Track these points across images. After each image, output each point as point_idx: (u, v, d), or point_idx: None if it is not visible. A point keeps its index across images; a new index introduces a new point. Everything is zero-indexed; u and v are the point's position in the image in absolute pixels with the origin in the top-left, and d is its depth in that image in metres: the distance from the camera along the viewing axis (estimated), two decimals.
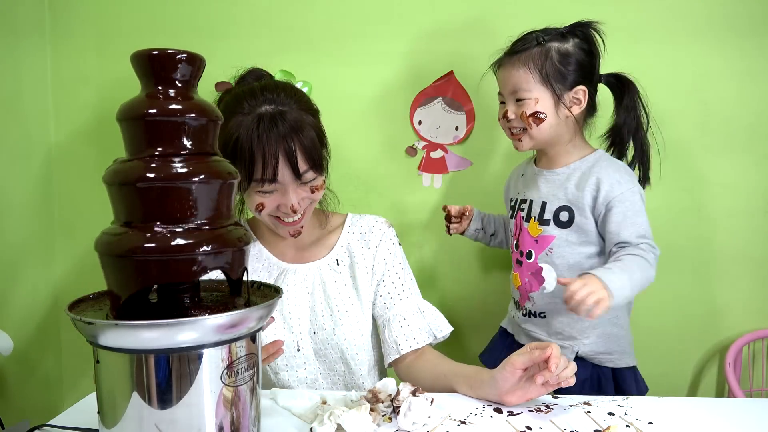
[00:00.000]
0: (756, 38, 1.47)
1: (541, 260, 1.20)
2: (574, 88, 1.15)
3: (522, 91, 1.15)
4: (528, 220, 1.23)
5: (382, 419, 0.89)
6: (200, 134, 0.70)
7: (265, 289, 0.82)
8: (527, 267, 1.23)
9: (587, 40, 1.16)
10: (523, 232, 1.24)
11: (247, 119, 1.06)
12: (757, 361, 1.56)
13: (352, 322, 1.17)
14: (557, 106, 1.15)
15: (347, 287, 1.20)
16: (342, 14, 1.54)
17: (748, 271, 1.53)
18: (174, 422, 0.65)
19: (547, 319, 1.22)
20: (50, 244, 1.62)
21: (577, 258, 1.17)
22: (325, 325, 1.16)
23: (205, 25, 1.56)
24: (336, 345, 1.15)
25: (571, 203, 1.17)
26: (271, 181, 1.07)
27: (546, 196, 1.20)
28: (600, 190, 1.13)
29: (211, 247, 0.67)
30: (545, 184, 1.22)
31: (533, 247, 1.22)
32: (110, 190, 0.68)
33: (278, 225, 1.14)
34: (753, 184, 1.51)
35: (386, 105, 1.56)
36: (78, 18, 1.58)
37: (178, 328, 0.63)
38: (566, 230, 1.17)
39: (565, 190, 1.18)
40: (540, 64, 1.14)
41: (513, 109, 1.18)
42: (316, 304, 1.17)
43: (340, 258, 1.22)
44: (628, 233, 1.10)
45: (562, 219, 1.17)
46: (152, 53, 0.69)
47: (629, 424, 0.88)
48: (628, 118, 1.20)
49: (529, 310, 1.25)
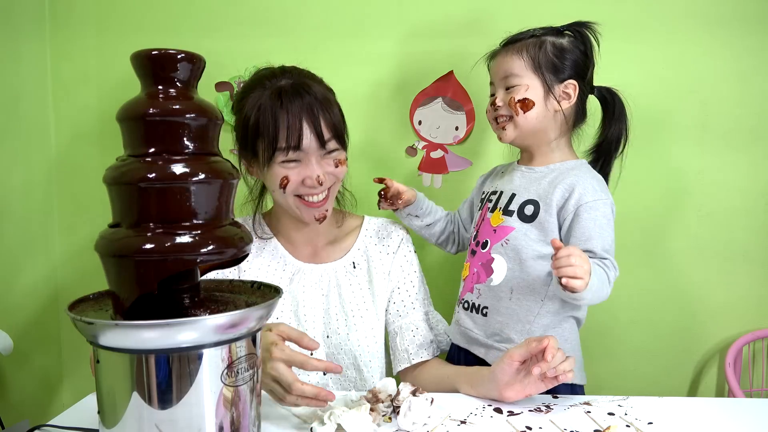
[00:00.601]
0: (756, 38, 1.47)
1: (494, 251, 1.14)
2: (565, 82, 1.13)
3: (513, 77, 1.14)
4: (493, 211, 1.17)
5: (382, 419, 0.89)
6: (200, 134, 0.70)
7: (265, 289, 0.82)
8: (479, 257, 1.16)
9: (583, 40, 1.16)
10: (484, 222, 1.18)
11: (269, 92, 1.07)
12: (757, 361, 1.56)
13: (367, 328, 1.15)
14: (546, 96, 1.13)
15: (363, 292, 1.18)
16: (342, 14, 1.54)
17: (748, 270, 1.52)
18: (174, 422, 0.65)
19: (487, 317, 1.14)
20: (50, 244, 1.62)
21: (531, 255, 1.10)
22: (339, 329, 1.14)
23: (205, 25, 1.56)
24: (349, 351, 1.13)
25: (540, 198, 1.12)
26: (295, 148, 1.05)
27: (517, 189, 1.16)
28: (573, 193, 1.08)
29: (212, 247, 0.67)
30: (520, 178, 1.18)
31: (490, 237, 1.15)
32: (110, 190, 0.68)
33: (303, 208, 1.11)
34: (753, 184, 1.50)
35: (386, 105, 1.56)
36: (78, 18, 1.57)
37: (178, 328, 0.63)
38: (528, 224, 1.11)
39: (537, 186, 1.14)
40: (534, 53, 1.13)
41: (502, 96, 1.16)
42: (330, 307, 1.15)
43: (357, 261, 1.20)
44: (594, 243, 1.05)
45: (527, 212, 1.12)
46: (152, 53, 0.69)
47: (629, 424, 0.88)
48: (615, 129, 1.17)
49: (471, 303, 1.16)
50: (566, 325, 1.13)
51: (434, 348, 1.19)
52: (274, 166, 1.08)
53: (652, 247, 1.54)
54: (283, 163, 1.07)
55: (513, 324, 1.11)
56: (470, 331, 1.16)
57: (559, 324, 1.11)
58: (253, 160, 1.12)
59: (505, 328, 1.11)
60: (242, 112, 1.11)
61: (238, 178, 0.73)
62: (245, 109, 1.10)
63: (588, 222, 1.06)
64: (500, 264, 1.12)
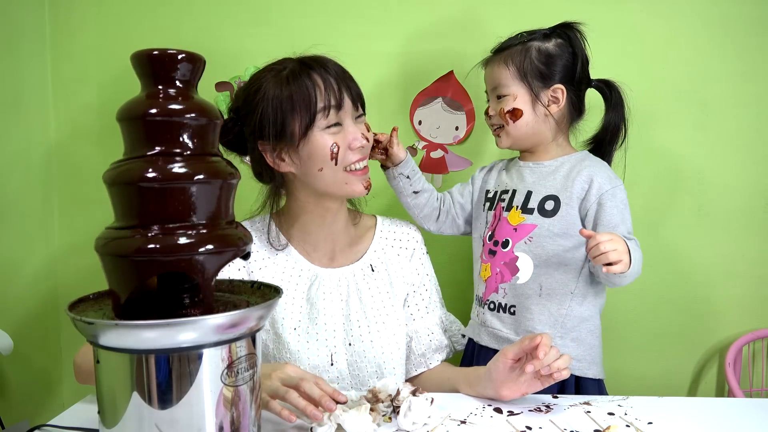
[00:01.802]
0: (755, 39, 1.47)
1: (518, 249, 1.16)
2: (552, 87, 1.15)
3: (501, 87, 1.17)
4: (509, 209, 1.18)
5: (382, 419, 0.89)
6: (200, 134, 0.69)
7: (265, 289, 0.82)
8: (501, 256, 1.17)
9: (569, 41, 1.16)
10: (501, 222, 1.19)
11: (288, 71, 1.05)
12: (757, 361, 1.56)
13: (389, 335, 1.11)
14: (534, 103, 1.15)
15: (383, 296, 1.13)
16: (342, 14, 1.54)
17: (748, 271, 1.52)
18: (174, 422, 0.65)
19: (516, 315, 1.16)
20: (50, 244, 1.62)
21: (557, 250, 1.13)
22: (362, 336, 1.09)
23: (205, 25, 1.56)
24: (372, 359, 1.08)
25: (559, 192, 1.14)
26: (337, 107, 1.02)
27: (532, 185, 1.18)
28: (593, 184, 1.12)
29: (212, 247, 0.67)
30: (531, 174, 1.19)
31: (511, 236, 1.17)
32: (110, 190, 0.68)
33: (351, 180, 1.06)
34: (753, 184, 1.51)
35: (386, 105, 1.56)
36: (78, 18, 1.58)
37: (178, 328, 0.63)
38: (550, 219, 1.14)
39: (554, 180, 1.16)
40: (519, 62, 1.15)
41: (493, 106, 1.19)
42: (351, 313, 1.10)
43: (375, 264, 1.16)
44: (621, 228, 1.10)
45: (548, 208, 1.14)
46: (152, 53, 0.69)
47: (629, 424, 0.88)
48: (613, 119, 1.20)
49: (498, 303, 1.18)
50: (595, 315, 1.18)
51: (448, 351, 1.19)
52: (315, 136, 1.02)
53: (652, 247, 1.53)
54: (325, 129, 1.03)
55: (545, 319, 1.14)
56: (499, 332, 1.18)
57: (590, 316, 1.16)
58: (283, 145, 1.04)
59: (537, 324, 1.14)
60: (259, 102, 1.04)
61: (239, 179, 0.73)
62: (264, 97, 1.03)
63: (612, 209, 1.11)
64: (525, 262, 1.14)
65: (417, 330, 1.16)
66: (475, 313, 1.25)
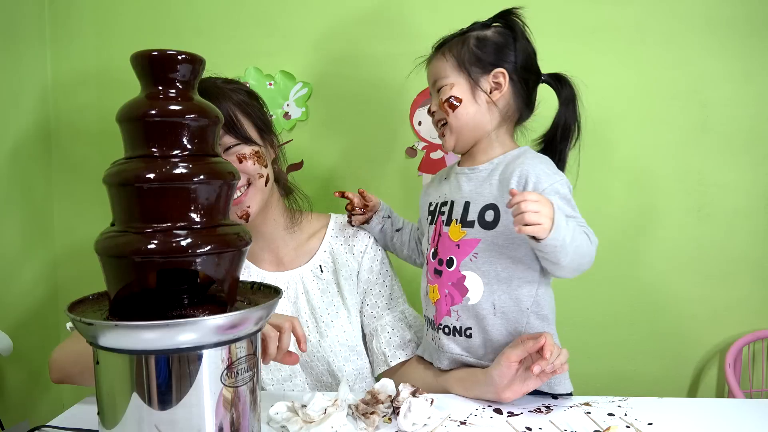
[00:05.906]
0: (755, 39, 1.47)
1: (464, 267, 1.04)
2: (493, 72, 1.07)
3: (440, 79, 1.10)
4: (449, 224, 1.07)
5: (381, 420, 0.89)
6: (200, 135, 0.69)
7: (265, 290, 0.82)
8: (447, 276, 1.06)
9: (509, 26, 1.10)
10: (442, 238, 1.08)
11: None
12: (757, 361, 1.56)
13: (338, 333, 1.14)
14: (474, 90, 1.07)
15: (332, 295, 1.16)
16: (342, 15, 1.54)
17: (748, 271, 1.52)
18: (174, 423, 0.65)
19: (472, 338, 1.05)
20: (50, 244, 1.62)
21: (506, 263, 1.02)
22: (311, 336, 1.13)
23: (205, 25, 1.56)
24: (322, 357, 1.12)
25: (497, 200, 1.03)
26: None
27: (469, 195, 1.07)
28: (527, 183, 0.99)
29: (211, 247, 0.67)
30: (467, 182, 1.08)
31: (455, 253, 1.06)
32: (110, 190, 0.68)
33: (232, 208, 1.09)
34: (753, 184, 1.50)
35: (386, 106, 1.55)
36: (78, 18, 1.58)
37: (178, 329, 0.63)
38: (492, 232, 1.02)
39: (490, 186, 1.05)
40: (457, 51, 1.09)
41: (435, 101, 1.12)
42: (300, 315, 1.14)
43: (324, 263, 1.18)
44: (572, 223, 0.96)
45: (488, 219, 1.03)
46: (152, 54, 0.69)
47: (629, 425, 0.88)
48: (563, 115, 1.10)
49: (453, 327, 1.07)
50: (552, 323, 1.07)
51: (413, 347, 1.17)
52: None
53: (652, 247, 1.54)
54: None
55: (504, 339, 1.04)
56: (461, 356, 1.07)
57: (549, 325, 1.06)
58: None
59: (496, 344, 1.04)
60: None
61: (238, 179, 0.73)
62: None
63: None
64: (474, 281, 1.04)
65: (377, 328, 1.17)
66: (429, 337, 1.13)
